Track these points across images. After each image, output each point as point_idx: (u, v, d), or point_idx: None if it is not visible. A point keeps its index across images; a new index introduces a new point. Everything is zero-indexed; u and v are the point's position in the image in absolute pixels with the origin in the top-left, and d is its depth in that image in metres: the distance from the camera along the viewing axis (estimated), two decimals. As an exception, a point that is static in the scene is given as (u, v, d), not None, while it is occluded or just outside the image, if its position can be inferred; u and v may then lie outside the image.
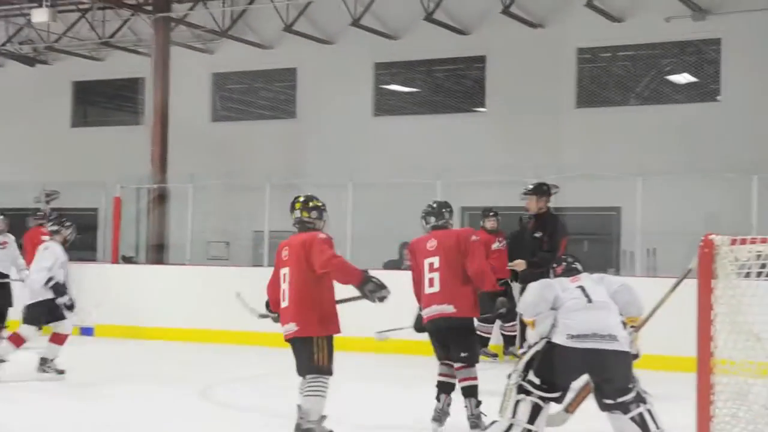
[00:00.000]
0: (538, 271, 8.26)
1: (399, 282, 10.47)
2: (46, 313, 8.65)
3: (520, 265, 8.99)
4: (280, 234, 8.16)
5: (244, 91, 18.47)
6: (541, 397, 5.14)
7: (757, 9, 13.83)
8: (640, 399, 5.01)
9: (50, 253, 8.71)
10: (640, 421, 4.95)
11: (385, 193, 14.05)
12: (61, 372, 8.68)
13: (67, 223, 9.01)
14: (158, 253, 14.82)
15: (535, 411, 5.13)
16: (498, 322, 10.36)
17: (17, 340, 8.62)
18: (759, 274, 4.10)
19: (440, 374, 6.50)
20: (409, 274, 6.71)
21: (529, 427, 5.13)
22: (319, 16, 16.64)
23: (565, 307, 5.17)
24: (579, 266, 5.62)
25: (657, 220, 12.03)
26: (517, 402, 5.16)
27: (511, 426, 5.15)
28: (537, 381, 5.14)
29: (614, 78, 15.58)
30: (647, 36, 14.89)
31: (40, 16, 15.31)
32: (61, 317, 8.66)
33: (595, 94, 15.43)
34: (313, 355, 5.63)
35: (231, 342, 11.20)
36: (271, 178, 13.71)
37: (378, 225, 13.67)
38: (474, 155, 15.01)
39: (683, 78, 15.20)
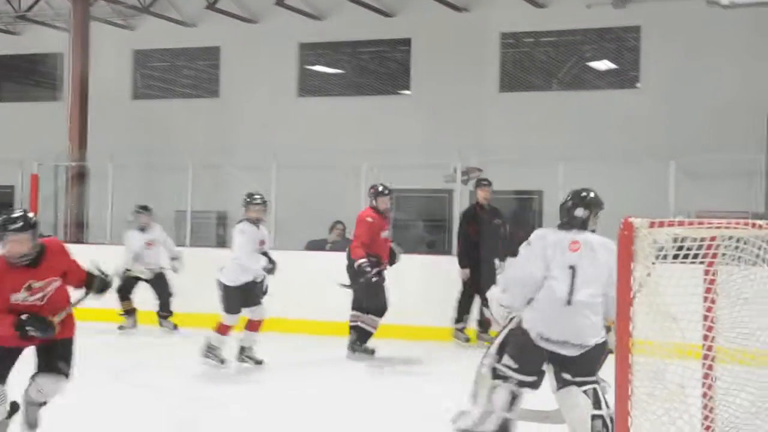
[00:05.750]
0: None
1: (322, 262, 10.57)
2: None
3: None
4: (203, 214, 8.11)
5: (166, 69, 18.18)
6: (519, 382, 4.85)
7: (676, -3, 14.14)
8: (597, 380, 4.88)
9: None
10: (593, 395, 4.80)
11: (309, 174, 14.01)
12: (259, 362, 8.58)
13: None
14: (78, 232, 14.54)
15: (513, 398, 4.85)
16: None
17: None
18: (675, 257, 4.19)
19: None
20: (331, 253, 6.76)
21: (507, 415, 4.85)
22: (243, -6, 16.47)
23: (544, 295, 4.84)
24: (581, 213, 5.03)
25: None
26: (493, 388, 4.86)
27: (486, 414, 4.84)
28: (513, 365, 4.85)
29: (537, 63, 15.76)
30: (569, 22, 15.09)
31: (-47, -13, 14.84)
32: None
33: (519, 78, 15.60)
34: None
35: (150, 323, 11.04)
36: (193, 158, 13.55)
37: (302, 206, 13.62)
38: (399, 138, 15.05)
39: (604, 65, 15.47)
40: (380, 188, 9.20)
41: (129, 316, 10.93)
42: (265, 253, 8.45)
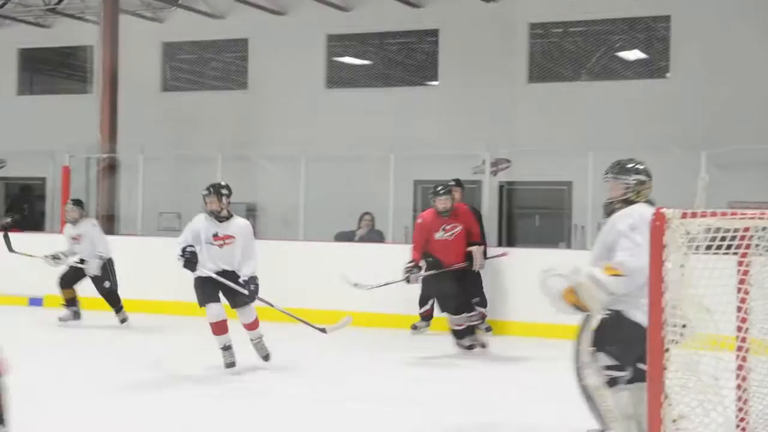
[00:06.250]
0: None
1: (352, 252, 10.59)
2: None
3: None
4: (232, 205, 8.16)
5: (194, 61, 18.26)
6: (628, 379, 4.53)
7: (707, -14, 14.01)
8: None
9: None
10: None
11: (338, 165, 14.04)
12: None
13: None
14: (108, 224, 14.65)
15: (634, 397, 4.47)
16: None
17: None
18: (708, 248, 4.18)
19: None
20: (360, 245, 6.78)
21: (639, 412, 4.43)
22: (271, -14, 16.51)
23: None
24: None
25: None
26: (616, 397, 4.53)
27: (625, 424, 4.52)
28: (618, 363, 4.54)
29: (566, 53, 15.68)
30: (598, 12, 15.00)
31: (-16, -19, 14.97)
32: None
33: (547, 69, 15.53)
34: None
35: (182, 313, 11.13)
36: (222, 150, 13.62)
37: (331, 197, 13.66)
38: (426, 129, 15.04)
39: (633, 54, 15.35)
40: (438, 188, 8.94)
41: (69, 306, 10.97)
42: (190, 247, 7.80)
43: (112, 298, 10.93)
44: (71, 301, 10.99)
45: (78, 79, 18.49)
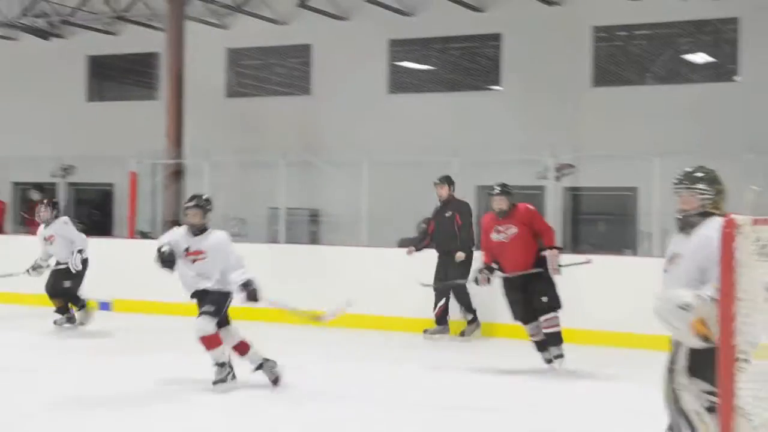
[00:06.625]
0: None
1: (414, 259, 10.57)
2: None
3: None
4: (296, 211, 8.19)
5: (258, 67, 18.46)
6: None
7: (776, -12, 13.74)
8: None
9: None
10: None
11: (400, 170, 14.05)
12: None
13: None
14: (174, 229, 14.84)
15: None
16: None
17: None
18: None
19: None
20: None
21: None
22: (334, -9, 16.61)
23: None
24: None
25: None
26: (716, 423, 4.05)
27: None
28: (714, 388, 4.13)
29: (631, 57, 15.52)
30: (664, 14, 14.81)
31: (55, -11, 15.29)
32: None
33: (612, 73, 15.37)
34: None
35: (247, 318, 11.21)
36: (286, 155, 13.72)
37: (393, 203, 13.68)
38: (489, 134, 14.99)
39: (700, 57, 15.12)
40: (492, 188, 8.55)
41: (62, 312, 10.66)
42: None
43: (69, 296, 10.54)
44: (62, 309, 10.64)
45: (145, 86, 18.81)
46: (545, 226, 8.53)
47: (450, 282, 9.91)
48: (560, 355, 8.34)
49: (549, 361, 8.38)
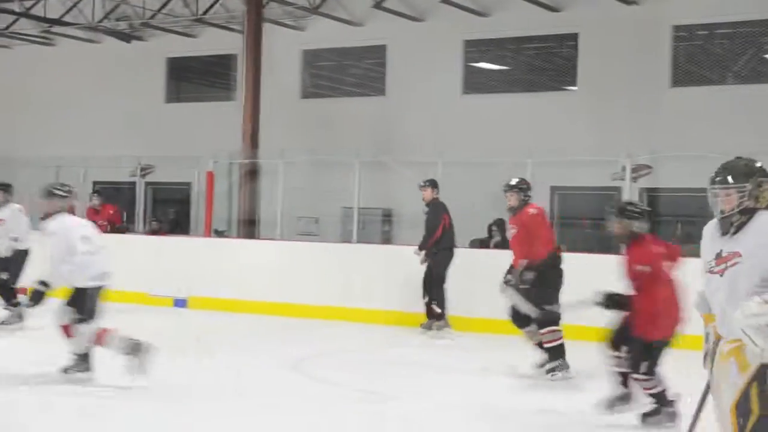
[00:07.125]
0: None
1: (486, 260, 10.52)
2: None
3: None
4: (369, 210, 8.21)
5: (333, 68, 18.56)
6: None
7: None
8: None
9: None
10: None
11: (474, 171, 13.99)
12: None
13: None
14: (249, 228, 15.04)
15: None
16: None
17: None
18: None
19: None
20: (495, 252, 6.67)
21: None
22: (409, -8, 16.62)
23: None
24: None
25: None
26: None
27: None
28: None
29: (711, 56, 15.19)
30: (746, 13, 14.47)
31: (136, -7, 15.59)
32: None
33: (692, 72, 15.07)
34: None
35: (320, 317, 11.32)
36: (360, 155, 13.76)
37: (467, 203, 13.62)
38: (565, 135, 14.83)
39: (783, 57, 14.76)
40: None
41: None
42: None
43: (3, 290, 10.21)
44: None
45: (222, 87, 19.08)
46: (541, 235, 8.07)
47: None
48: (552, 370, 7.85)
49: (542, 366, 8.00)
